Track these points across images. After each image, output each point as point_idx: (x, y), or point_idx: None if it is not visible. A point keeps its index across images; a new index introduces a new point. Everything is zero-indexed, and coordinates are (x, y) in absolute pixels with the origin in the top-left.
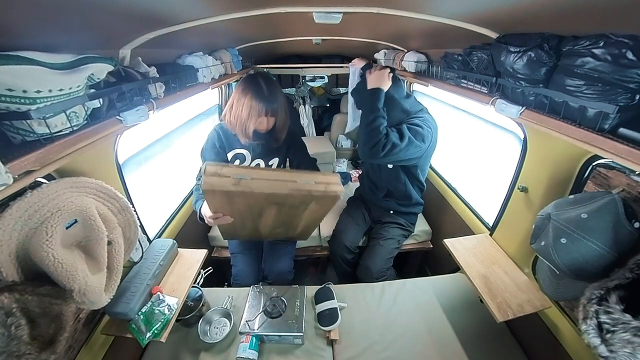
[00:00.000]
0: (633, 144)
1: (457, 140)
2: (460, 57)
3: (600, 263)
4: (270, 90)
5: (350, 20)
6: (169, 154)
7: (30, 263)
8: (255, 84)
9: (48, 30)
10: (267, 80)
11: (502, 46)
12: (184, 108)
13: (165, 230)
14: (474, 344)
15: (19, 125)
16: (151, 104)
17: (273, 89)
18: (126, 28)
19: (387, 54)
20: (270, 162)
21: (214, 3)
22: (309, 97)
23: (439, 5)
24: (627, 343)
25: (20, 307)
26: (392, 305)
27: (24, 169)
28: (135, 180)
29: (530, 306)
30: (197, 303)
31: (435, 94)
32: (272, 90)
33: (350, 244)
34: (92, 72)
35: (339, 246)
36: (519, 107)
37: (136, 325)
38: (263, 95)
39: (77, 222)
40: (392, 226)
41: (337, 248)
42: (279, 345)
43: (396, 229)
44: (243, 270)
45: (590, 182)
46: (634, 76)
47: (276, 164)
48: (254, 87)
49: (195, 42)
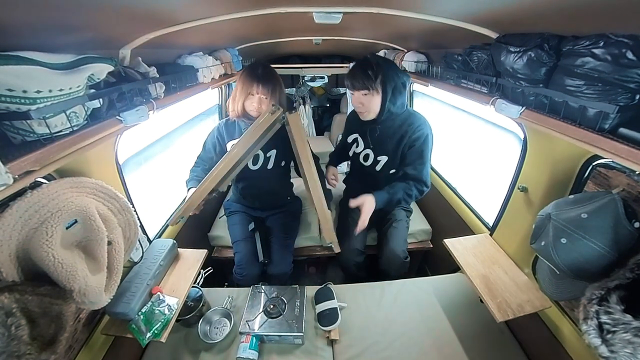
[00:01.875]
0: (633, 144)
1: (457, 140)
2: (460, 57)
3: (600, 263)
4: (265, 72)
5: (350, 20)
6: (169, 154)
7: (30, 263)
8: (252, 66)
9: (48, 30)
10: (266, 66)
11: (502, 46)
12: (184, 108)
13: (165, 231)
14: (474, 344)
15: (19, 125)
16: (151, 104)
17: (268, 73)
18: (126, 28)
19: (387, 54)
20: (269, 154)
21: (214, 3)
22: (309, 97)
23: (439, 5)
24: (627, 343)
25: (20, 307)
26: (392, 305)
27: (24, 169)
28: (135, 180)
29: (530, 306)
30: (197, 303)
31: (435, 94)
32: (266, 73)
33: (360, 245)
34: (92, 72)
35: (350, 252)
36: (519, 107)
37: (136, 325)
38: (256, 74)
39: (77, 222)
40: (396, 209)
41: (349, 254)
42: (279, 345)
43: (400, 211)
44: (246, 256)
45: (591, 182)
46: (634, 76)
47: (274, 156)
48: (249, 68)
49: (195, 42)
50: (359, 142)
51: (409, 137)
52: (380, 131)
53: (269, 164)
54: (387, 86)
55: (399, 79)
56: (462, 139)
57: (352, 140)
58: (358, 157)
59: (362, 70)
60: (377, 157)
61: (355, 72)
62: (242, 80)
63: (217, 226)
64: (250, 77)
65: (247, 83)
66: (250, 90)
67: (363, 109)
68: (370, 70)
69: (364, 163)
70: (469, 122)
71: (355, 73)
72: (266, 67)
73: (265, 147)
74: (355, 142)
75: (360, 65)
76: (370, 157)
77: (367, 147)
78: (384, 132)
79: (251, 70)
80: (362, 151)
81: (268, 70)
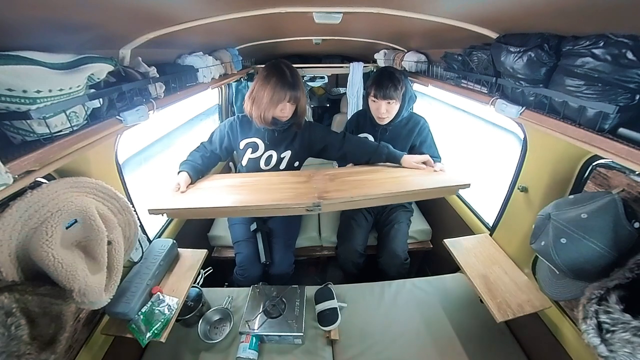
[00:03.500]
0: (633, 144)
1: (457, 140)
2: (460, 57)
3: (600, 263)
4: (294, 77)
5: (350, 20)
6: (170, 154)
7: (30, 263)
8: (279, 70)
9: (48, 30)
10: (291, 67)
11: (502, 46)
12: (184, 108)
13: (165, 230)
14: (474, 344)
15: (19, 125)
16: (151, 104)
17: (296, 76)
18: (126, 28)
19: (387, 54)
20: (282, 155)
21: (214, 3)
22: (309, 97)
23: (439, 5)
24: (626, 343)
25: (20, 307)
26: (392, 305)
27: (24, 169)
28: (136, 180)
29: (530, 306)
30: (197, 303)
31: (435, 94)
32: (295, 77)
33: (360, 247)
34: (92, 72)
35: (350, 253)
36: (519, 107)
37: (136, 325)
38: (287, 81)
39: (77, 222)
40: (398, 210)
41: (348, 255)
42: (279, 345)
43: (402, 212)
44: (248, 257)
45: (590, 182)
46: (634, 76)
47: (288, 157)
48: (278, 73)
49: (195, 42)
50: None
51: (417, 133)
52: (390, 131)
53: (282, 164)
54: (406, 95)
55: (411, 88)
56: (462, 139)
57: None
58: None
59: (390, 81)
60: None
61: (382, 83)
62: (273, 89)
63: (217, 226)
64: (281, 85)
65: (279, 92)
66: (282, 99)
67: (385, 115)
68: (397, 81)
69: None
70: (469, 122)
71: (382, 84)
72: (292, 69)
73: (280, 149)
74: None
75: (387, 77)
76: None
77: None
78: (394, 131)
79: (281, 77)
80: None
81: (295, 73)
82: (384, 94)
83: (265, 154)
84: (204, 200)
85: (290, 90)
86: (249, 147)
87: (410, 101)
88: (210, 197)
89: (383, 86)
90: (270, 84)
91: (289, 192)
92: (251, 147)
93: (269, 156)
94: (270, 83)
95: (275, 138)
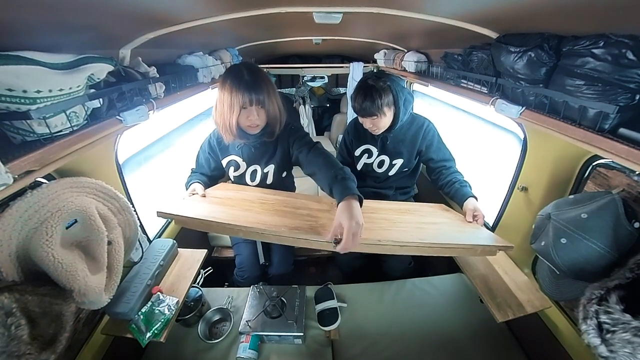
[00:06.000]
0: (633, 144)
1: (457, 140)
2: (460, 57)
3: (600, 263)
4: (253, 77)
5: (350, 20)
6: (169, 154)
7: (30, 263)
8: (234, 72)
9: (48, 30)
10: (250, 67)
11: (502, 46)
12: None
13: (165, 230)
14: (474, 344)
15: (19, 125)
16: (151, 104)
17: (256, 77)
18: (126, 28)
19: (387, 54)
20: (266, 170)
21: (214, 3)
22: (309, 97)
23: (439, 5)
24: (627, 343)
25: (20, 307)
26: (392, 305)
27: (24, 169)
28: (135, 180)
29: (530, 306)
30: (197, 303)
31: (435, 94)
32: (255, 77)
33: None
34: (92, 72)
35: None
36: (519, 107)
37: (136, 325)
38: (244, 83)
39: (77, 222)
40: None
41: (345, 256)
42: (279, 345)
43: None
44: (247, 258)
45: (591, 182)
46: (634, 76)
47: (272, 171)
48: (232, 75)
49: (195, 42)
50: (372, 151)
51: (422, 137)
52: (391, 139)
53: (268, 179)
54: (398, 102)
55: (405, 90)
56: (462, 139)
57: (361, 152)
58: (371, 166)
59: (367, 98)
60: (392, 162)
61: (360, 101)
62: (229, 92)
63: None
64: (237, 87)
65: (236, 95)
66: (242, 103)
67: (374, 129)
68: (376, 95)
69: (377, 170)
70: (469, 122)
71: (360, 102)
72: (251, 68)
73: (262, 164)
74: (367, 153)
75: (363, 94)
76: (385, 162)
77: (383, 154)
78: (395, 138)
79: (236, 78)
80: (376, 159)
81: (255, 72)
82: (363, 113)
83: (248, 169)
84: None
85: (248, 92)
86: (231, 165)
87: (407, 104)
88: (225, 211)
89: (362, 105)
90: (226, 88)
91: (309, 221)
92: (232, 165)
93: (254, 171)
94: (226, 87)
95: (253, 154)
